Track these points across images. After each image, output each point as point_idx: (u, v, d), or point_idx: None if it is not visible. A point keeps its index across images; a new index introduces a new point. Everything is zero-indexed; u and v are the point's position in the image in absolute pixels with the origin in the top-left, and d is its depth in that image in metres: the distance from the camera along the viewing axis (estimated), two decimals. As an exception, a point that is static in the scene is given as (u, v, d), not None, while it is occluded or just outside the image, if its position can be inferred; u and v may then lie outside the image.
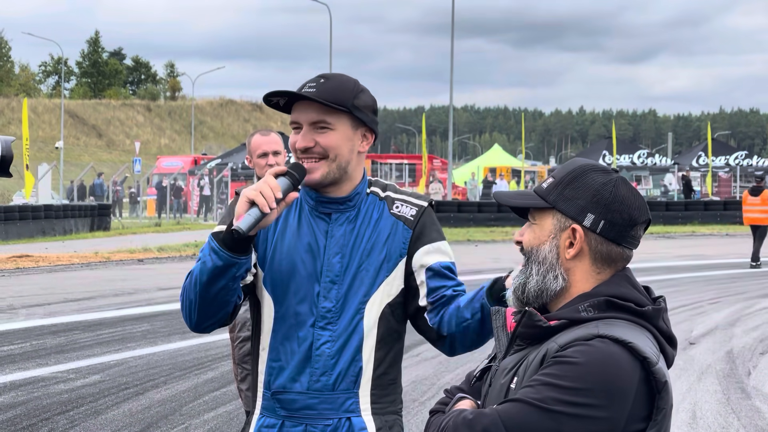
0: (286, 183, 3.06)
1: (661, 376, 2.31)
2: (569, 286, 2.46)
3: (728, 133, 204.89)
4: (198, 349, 12.22)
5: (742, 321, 14.87)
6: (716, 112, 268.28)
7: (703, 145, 59.37)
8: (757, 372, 11.18)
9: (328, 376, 3.18)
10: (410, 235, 3.25)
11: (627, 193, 2.45)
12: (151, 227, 42.08)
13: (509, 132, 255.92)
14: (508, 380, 2.43)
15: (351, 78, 3.24)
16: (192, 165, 60.15)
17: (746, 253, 27.28)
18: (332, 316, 3.19)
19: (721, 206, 45.65)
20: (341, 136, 3.17)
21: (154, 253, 27.50)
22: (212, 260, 3.06)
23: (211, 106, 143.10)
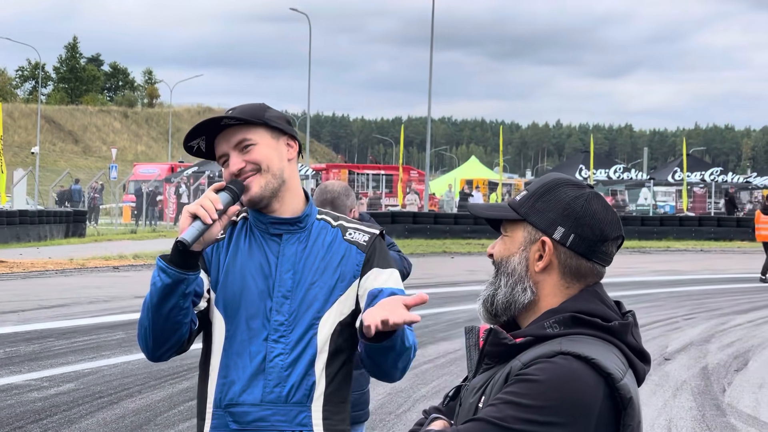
0: (225, 197, 3.17)
1: (626, 393, 2.29)
2: (538, 300, 2.45)
3: (703, 149, 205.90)
4: (173, 359, 12.08)
5: (716, 337, 14.93)
6: (691, 128, 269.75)
7: (678, 161, 59.61)
8: (732, 389, 11.23)
9: (281, 387, 3.21)
10: (363, 258, 3.33)
11: (599, 207, 2.44)
12: (127, 234, 41.92)
13: (486, 144, 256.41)
14: (477, 399, 2.42)
15: (259, 103, 3.38)
16: (169, 172, 59.97)
17: (720, 269, 27.45)
18: (285, 329, 3.23)
19: (696, 222, 45.87)
20: (266, 147, 3.26)
21: (129, 260, 27.40)
22: (161, 279, 3.12)
23: (188, 113, 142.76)
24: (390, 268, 3.37)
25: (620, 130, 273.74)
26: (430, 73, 47.90)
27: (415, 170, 65.32)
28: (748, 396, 10.90)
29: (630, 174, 59.57)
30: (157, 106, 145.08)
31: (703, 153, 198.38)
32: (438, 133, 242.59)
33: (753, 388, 11.33)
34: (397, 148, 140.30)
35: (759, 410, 10.25)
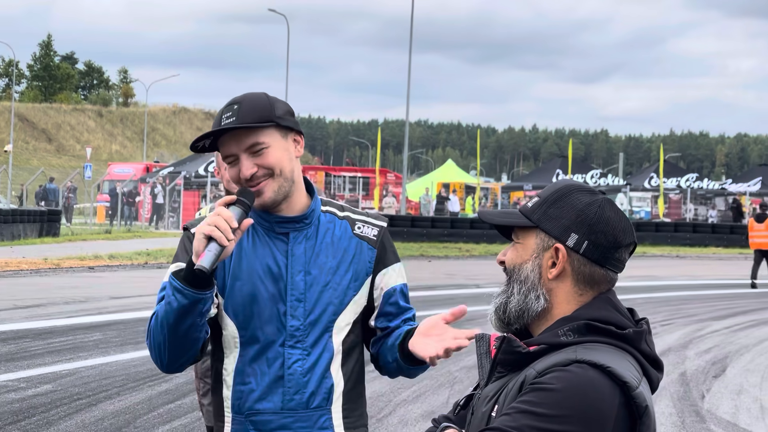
0: (238, 211, 3.04)
1: (641, 401, 2.27)
2: (551, 307, 2.43)
3: (678, 156, 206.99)
4: (151, 360, 12.04)
5: (694, 343, 14.98)
6: (667, 134, 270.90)
7: (654, 167, 59.87)
8: (711, 395, 11.25)
9: (301, 394, 3.17)
10: (374, 254, 3.29)
11: (612, 214, 2.42)
12: (101, 234, 41.71)
13: (462, 148, 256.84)
14: (490, 408, 2.40)
15: (260, 93, 3.27)
16: (144, 172, 59.72)
17: (697, 275, 27.57)
18: (301, 334, 3.17)
19: (671, 228, 46.07)
20: (278, 150, 3.17)
21: (104, 260, 27.26)
22: (177, 300, 3.01)
23: (164, 113, 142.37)
24: (397, 262, 3.36)
25: (596, 135, 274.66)
26: (409, 76, 47.90)
27: (392, 173, 65.31)
28: (727, 402, 10.92)
29: (606, 179, 59.79)
30: (132, 105, 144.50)
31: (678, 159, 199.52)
32: (414, 136, 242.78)
33: (732, 394, 11.36)
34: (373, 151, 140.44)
35: (738, 416, 10.27)
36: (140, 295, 19.48)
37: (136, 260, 27.75)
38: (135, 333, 14.24)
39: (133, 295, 19.50)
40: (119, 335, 14.02)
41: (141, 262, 27.48)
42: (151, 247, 32.88)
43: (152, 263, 27.40)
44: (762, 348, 14.81)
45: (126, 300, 18.53)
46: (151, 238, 40.55)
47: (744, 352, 14.38)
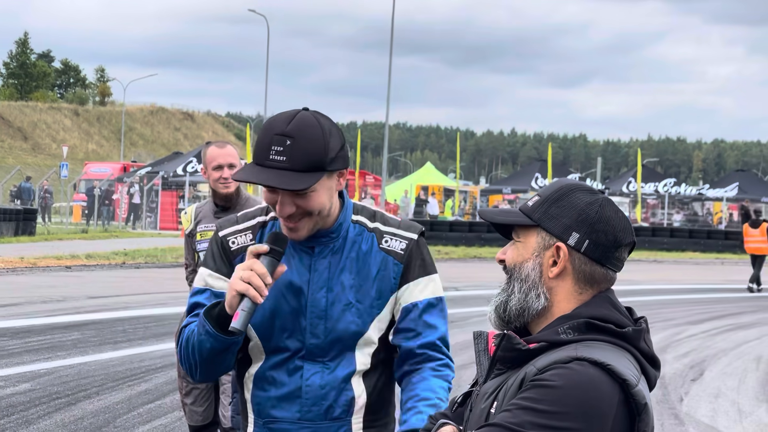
0: (271, 262, 2.93)
1: (640, 399, 2.28)
2: (551, 306, 2.43)
3: (656, 161, 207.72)
4: (130, 360, 12.04)
5: (672, 347, 15.03)
6: (644, 139, 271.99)
7: (632, 171, 60.07)
8: (689, 398, 11.30)
9: (319, 406, 3.12)
10: (400, 269, 3.15)
11: (612, 214, 2.43)
12: (78, 234, 41.53)
13: (440, 150, 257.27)
14: (488, 405, 2.40)
15: (313, 123, 2.98)
16: (121, 172, 59.47)
17: (676, 279, 27.65)
18: (321, 351, 3.11)
19: (649, 232, 46.23)
20: (322, 194, 3.02)
21: (82, 260, 27.14)
22: (210, 343, 2.98)
23: (141, 112, 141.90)
24: (427, 275, 3.19)
25: (574, 139, 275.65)
26: (389, 78, 47.90)
27: (371, 175, 65.30)
28: (706, 405, 10.97)
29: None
30: (109, 104, 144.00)
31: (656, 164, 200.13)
32: (393, 138, 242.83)
33: (710, 397, 11.41)
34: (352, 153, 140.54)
35: (716, 419, 10.32)
36: (118, 294, 19.41)
37: (114, 260, 27.65)
38: (113, 333, 14.18)
39: (111, 294, 19.42)
40: (97, 335, 13.95)
41: (119, 261, 27.38)
42: (128, 247, 32.77)
43: (130, 263, 27.31)
44: (739, 352, 14.88)
45: (104, 300, 18.46)
46: (128, 238, 40.41)
47: (722, 355, 14.45)
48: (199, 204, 6.83)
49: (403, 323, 3.15)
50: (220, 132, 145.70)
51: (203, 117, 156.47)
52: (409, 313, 3.14)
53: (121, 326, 14.90)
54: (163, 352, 12.47)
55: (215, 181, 6.54)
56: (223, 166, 6.52)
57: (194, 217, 6.72)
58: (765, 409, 10.87)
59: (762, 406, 11.03)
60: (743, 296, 24.62)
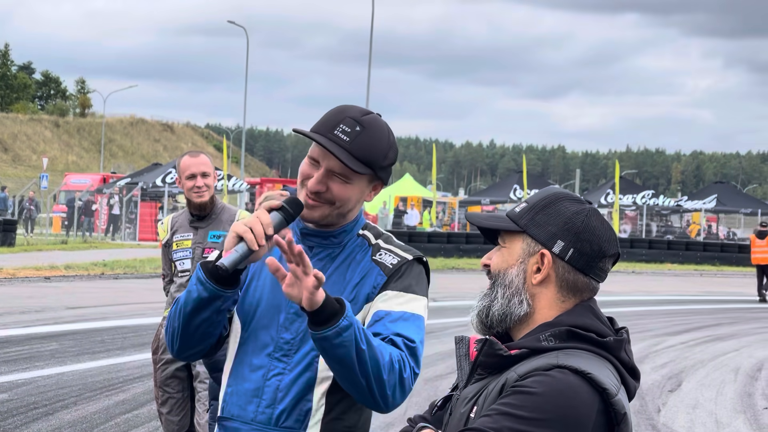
0: (278, 218, 2.95)
1: (620, 408, 2.30)
2: (533, 312, 2.45)
3: (634, 172, 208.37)
4: (108, 371, 12.00)
5: (650, 358, 15.08)
6: (623, 151, 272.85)
7: (611, 183, 60.24)
8: (667, 409, 11.33)
9: (272, 408, 3.05)
10: (383, 281, 3.10)
11: (598, 224, 2.46)
12: (58, 245, 41.35)
13: (419, 162, 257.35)
14: (468, 409, 2.41)
15: (385, 130, 3.07)
16: (100, 183, 59.29)
17: (654, 291, 27.75)
18: (289, 348, 3.07)
19: (627, 244, 46.34)
20: (356, 191, 3.06)
21: (61, 271, 27.03)
22: (197, 291, 2.97)
23: (121, 124, 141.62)
24: (411, 293, 3.08)
25: (553, 151, 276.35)
26: (368, 90, 47.95)
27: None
28: (683, 416, 11.00)
29: (563, 195, 59.91)
30: (89, 116, 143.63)
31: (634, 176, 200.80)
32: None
33: (687, 408, 11.45)
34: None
35: (694, 430, 10.35)
36: (97, 305, 19.35)
37: (93, 270, 27.55)
38: (92, 343, 14.14)
39: (90, 305, 19.35)
40: (76, 345, 13.91)
41: (98, 272, 27.28)
42: (107, 257, 32.66)
43: (109, 273, 27.22)
44: (717, 363, 14.94)
45: (83, 310, 18.39)
46: (107, 248, 40.24)
47: (699, 367, 14.50)
48: (176, 214, 6.83)
49: (372, 327, 3.01)
50: (199, 143, 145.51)
51: (182, 128, 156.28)
52: (380, 320, 3.02)
53: (99, 336, 14.85)
54: (141, 362, 12.43)
55: (189, 190, 6.54)
56: (196, 175, 6.51)
57: (170, 227, 6.72)
58: (742, 421, 10.92)
59: (739, 417, 11.07)
60: (721, 308, 24.72)
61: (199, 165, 6.55)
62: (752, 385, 13.13)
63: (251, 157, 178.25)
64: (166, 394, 6.66)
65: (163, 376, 6.65)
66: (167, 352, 6.62)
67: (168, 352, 6.60)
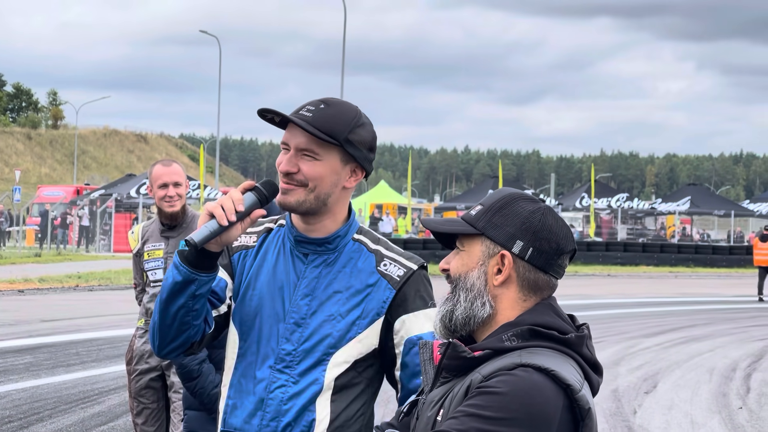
0: (251, 198, 2.96)
1: (584, 404, 2.32)
2: (495, 313, 2.46)
3: (609, 176, 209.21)
4: (84, 383, 11.95)
5: (626, 360, 15.14)
6: (597, 155, 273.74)
7: (585, 187, 60.47)
8: (643, 410, 11.38)
9: (277, 421, 3.02)
10: (392, 295, 3.06)
11: (554, 222, 2.47)
12: (31, 257, 41.16)
13: (394, 169, 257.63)
14: (435, 413, 2.42)
15: (353, 108, 3.07)
16: (74, 195, 59.07)
17: (630, 293, 27.82)
18: (291, 359, 3.03)
19: (603, 247, 46.53)
20: (327, 169, 3.01)
21: (35, 283, 26.90)
22: (172, 275, 2.96)
23: (94, 135, 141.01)
24: (424, 309, 3.08)
25: (528, 156, 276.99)
26: (341, 97, 47.93)
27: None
28: (659, 417, 11.05)
29: (538, 199, 60.06)
30: (61, 128, 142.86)
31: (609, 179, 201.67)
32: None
33: (663, 409, 11.50)
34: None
35: (669, 431, 10.40)
36: (71, 318, 19.27)
37: (67, 283, 27.43)
38: (66, 356, 14.08)
39: (65, 317, 19.27)
40: (50, 358, 13.84)
41: (72, 284, 27.16)
42: (82, 269, 32.53)
43: (83, 286, 27.11)
44: (692, 364, 15.01)
45: (57, 323, 18.31)
46: (82, 261, 40.08)
47: (675, 368, 14.57)
48: (146, 223, 6.80)
49: (411, 356, 3.05)
50: (173, 153, 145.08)
51: (157, 139, 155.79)
52: (414, 347, 3.04)
53: (74, 349, 14.78)
54: (116, 374, 12.39)
55: (160, 200, 6.52)
56: (168, 185, 6.50)
57: (141, 236, 6.70)
58: (717, 421, 10.97)
59: (714, 418, 11.13)
60: (696, 308, 24.85)
61: (171, 174, 6.54)
62: (727, 385, 13.20)
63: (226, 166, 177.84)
64: (141, 404, 6.64)
65: (138, 386, 6.63)
66: (141, 362, 6.61)
67: (142, 362, 6.60)
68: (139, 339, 6.66)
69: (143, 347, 6.62)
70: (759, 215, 61.11)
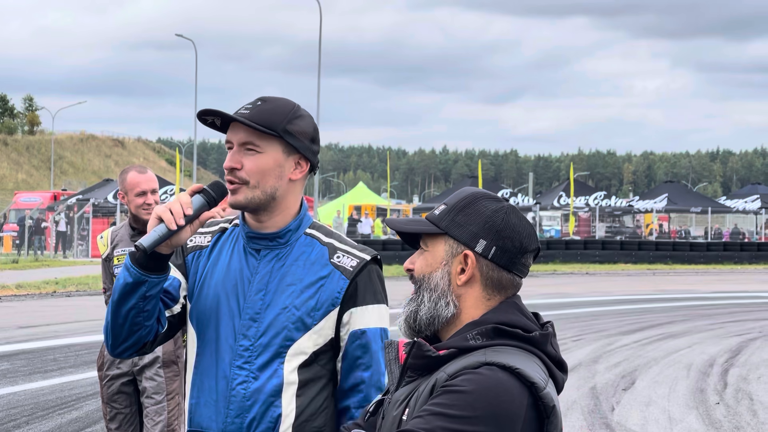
0: (200, 201, 3.00)
1: (549, 401, 2.32)
2: (460, 313, 2.47)
3: (587, 174, 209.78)
4: (61, 389, 11.90)
5: (604, 358, 15.18)
6: (575, 153, 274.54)
7: (564, 185, 60.59)
8: (621, 407, 11.41)
9: (242, 418, 3.04)
10: (346, 285, 3.09)
11: (517, 221, 2.48)
12: (8, 264, 40.97)
13: (373, 170, 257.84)
14: (400, 412, 2.42)
15: (290, 102, 3.13)
16: (51, 201, 58.84)
17: (608, 291, 27.89)
18: (249, 354, 3.05)
19: (581, 245, 46.64)
20: (269, 161, 3.05)
21: (12, 290, 26.77)
22: (123, 276, 3.00)
23: (71, 140, 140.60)
24: (376, 303, 3.13)
25: (506, 155, 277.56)
26: (318, 99, 47.94)
27: (304, 196, 65.11)
28: (637, 414, 11.08)
29: (516, 199, 60.32)
30: (38, 133, 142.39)
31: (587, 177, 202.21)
32: (325, 159, 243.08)
33: (641, 406, 11.53)
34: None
35: (647, 427, 10.42)
36: (49, 324, 19.18)
37: (45, 289, 27.32)
38: (43, 362, 14.02)
39: (42, 324, 19.18)
40: (27, 364, 13.78)
41: (49, 291, 27.05)
42: (59, 275, 32.40)
43: (61, 291, 27.00)
44: (670, 360, 15.06)
45: (34, 329, 18.23)
46: (59, 266, 39.92)
47: (653, 364, 14.61)
48: (115, 228, 6.79)
49: (351, 350, 3.10)
50: (151, 158, 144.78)
51: (134, 143, 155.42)
52: (356, 340, 3.08)
53: (52, 355, 14.73)
54: (94, 379, 12.32)
55: (138, 207, 6.51)
56: (146, 192, 6.50)
57: (110, 241, 6.69)
58: (695, 416, 11.01)
59: (692, 413, 11.17)
60: (674, 305, 24.93)
61: (149, 182, 6.55)
62: (704, 381, 13.25)
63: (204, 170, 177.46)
64: (113, 410, 6.62)
65: (110, 392, 6.61)
66: (112, 367, 6.59)
67: (113, 367, 6.57)
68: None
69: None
70: (736, 212, 61.42)
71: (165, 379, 6.51)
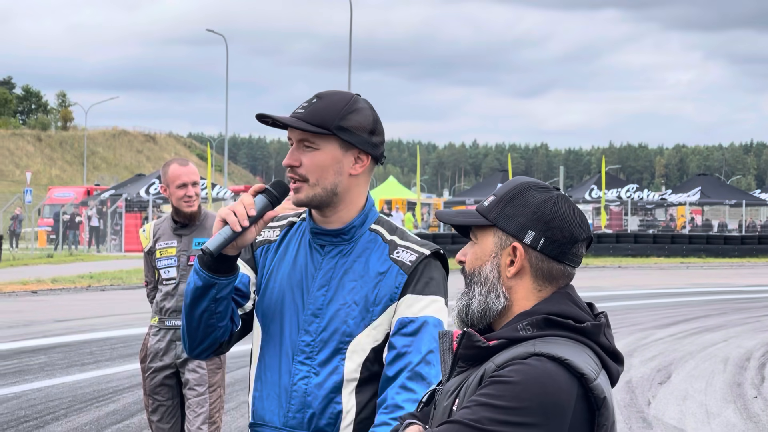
0: (263, 201, 3.00)
1: (599, 393, 2.29)
2: (511, 305, 2.45)
3: (618, 167, 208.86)
4: (98, 381, 11.99)
5: (639, 351, 15.12)
6: (606, 147, 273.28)
7: (595, 179, 60.34)
8: (657, 401, 11.37)
9: (303, 413, 3.06)
10: (404, 280, 3.06)
11: (567, 210, 2.45)
12: (44, 258, 41.26)
13: (403, 165, 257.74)
14: (451, 402, 2.41)
15: (346, 96, 3.10)
16: (85, 196, 59.19)
17: (641, 284, 27.76)
18: (310, 350, 3.07)
19: (613, 239, 46.45)
20: (327, 158, 3.04)
21: (48, 284, 26.97)
22: (193, 281, 3.03)
23: (103, 136, 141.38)
24: (431, 294, 3.06)
25: (536, 149, 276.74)
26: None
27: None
28: (673, 408, 11.04)
29: (547, 192, 59.94)
30: (71, 129, 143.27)
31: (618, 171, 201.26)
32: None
33: (677, 400, 11.48)
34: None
35: (684, 422, 10.38)
36: (84, 317, 19.31)
37: (80, 283, 27.50)
38: (80, 355, 14.12)
39: (78, 317, 19.32)
40: (65, 357, 13.89)
41: (84, 285, 27.23)
42: (93, 270, 32.60)
43: (96, 285, 27.18)
44: (706, 354, 14.99)
45: (70, 323, 18.35)
46: (93, 261, 40.15)
47: (688, 358, 14.55)
48: (158, 221, 6.82)
49: (395, 338, 3.03)
50: (182, 153, 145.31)
51: (165, 138, 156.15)
52: (403, 327, 3.03)
53: (88, 348, 14.83)
54: (130, 372, 12.42)
55: (179, 200, 6.54)
56: (187, 185, 6.52)
57: (153, 234, 6.72)
58: (732, 410, 10.96)
59: (729, 407, 11.11)
60: (709, 299, 24.81)
61: (189, 174, 6.58)
62: (741, 375, 13.18)
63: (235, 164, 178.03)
64: (156, 402, 6.66)
65: (152, 384, 6.65)
66: (155, 360, 6.63)
67: (156, 360, 6.62)
68: (153, 337, 6.68)
69: (157, 345, 6.64)
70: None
71: (207, 371, 6.55)
